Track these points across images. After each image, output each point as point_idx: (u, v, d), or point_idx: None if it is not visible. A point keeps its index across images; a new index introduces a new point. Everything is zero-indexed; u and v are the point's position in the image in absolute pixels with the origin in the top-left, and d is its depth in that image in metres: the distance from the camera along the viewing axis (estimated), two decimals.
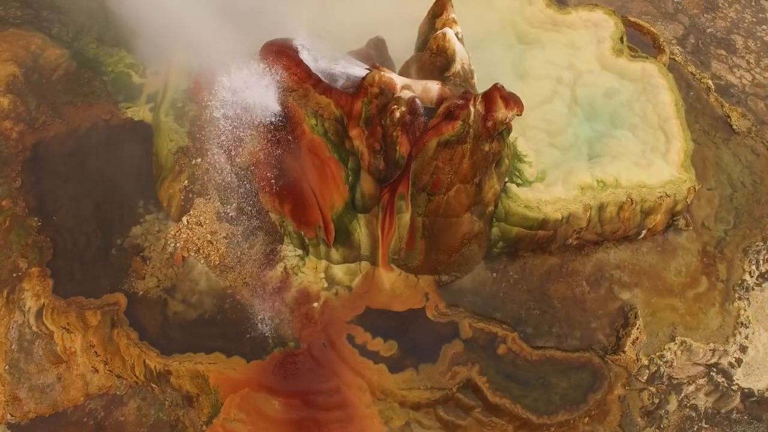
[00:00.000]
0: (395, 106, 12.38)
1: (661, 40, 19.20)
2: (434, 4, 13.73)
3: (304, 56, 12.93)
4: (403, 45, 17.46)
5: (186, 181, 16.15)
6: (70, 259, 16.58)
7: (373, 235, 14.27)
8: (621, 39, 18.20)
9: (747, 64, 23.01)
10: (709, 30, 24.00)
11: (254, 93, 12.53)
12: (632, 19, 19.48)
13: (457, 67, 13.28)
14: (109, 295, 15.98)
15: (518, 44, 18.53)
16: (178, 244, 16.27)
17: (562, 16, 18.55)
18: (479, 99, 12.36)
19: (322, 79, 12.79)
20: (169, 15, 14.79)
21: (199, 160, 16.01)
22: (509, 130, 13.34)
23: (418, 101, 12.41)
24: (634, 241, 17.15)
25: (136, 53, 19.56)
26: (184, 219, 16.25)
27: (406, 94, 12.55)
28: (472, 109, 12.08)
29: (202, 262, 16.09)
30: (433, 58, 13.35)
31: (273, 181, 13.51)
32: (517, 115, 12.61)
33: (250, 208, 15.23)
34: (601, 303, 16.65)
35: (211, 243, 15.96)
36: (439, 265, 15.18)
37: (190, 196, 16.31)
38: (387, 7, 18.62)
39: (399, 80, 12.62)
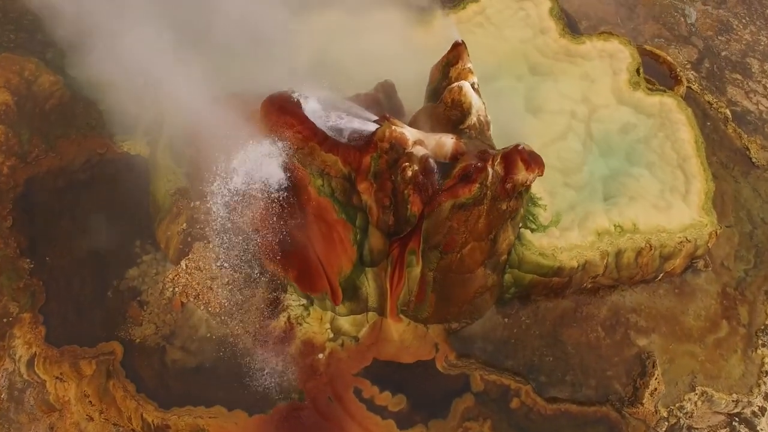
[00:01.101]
0: (407, 164, 11.68)
1: (678, 70, 18.48)
2: (449, 52, 13.01)
3: (308, 110, 12.20)
4: (412, 76, 16.81)
5: (184, 224, 15.46)
6: (64, 303, 15.87)
7: (382, 287, 13.60)
8: (637, 70, 17.49)
9: (764, 89, 22.31)
10: (723, 53, 23.28)
11: (256, 163, 11.84)
12: (648, 47, 18.75)
13: (472, 119, 12.58)
14: (104, 343, 15.29)
15: (530, 75, 17.82)
16: (176, 289, 15.59)
17: (576, 46, 17.83)
18: (498, 159, 11.66)
19: (329, 135, 12.07)
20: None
21: (198, 203, 15.29)
22: (528, 189, 12.65)
23: (431, 161, 11.72)
24: (650, 282, 16.49)
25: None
26: (183, 263, 15.55)
27: (419, 151, 11.85)
28: (490, 170, 11.40)
29: (201, 308, 15.41)
30: (447, 111, 12.64)
31: (277, 248, 12.81)
32: (539, 175, 11.92)
33: (251, 256, 14.51)
34: (617, 349, 16.01)
35: (211, 289, 15.28)
36: (449, 315, 14.52)
37: (189, 239, 15.61)
38: (393, 38, 17.96)
39: (411, 134, 11.91)
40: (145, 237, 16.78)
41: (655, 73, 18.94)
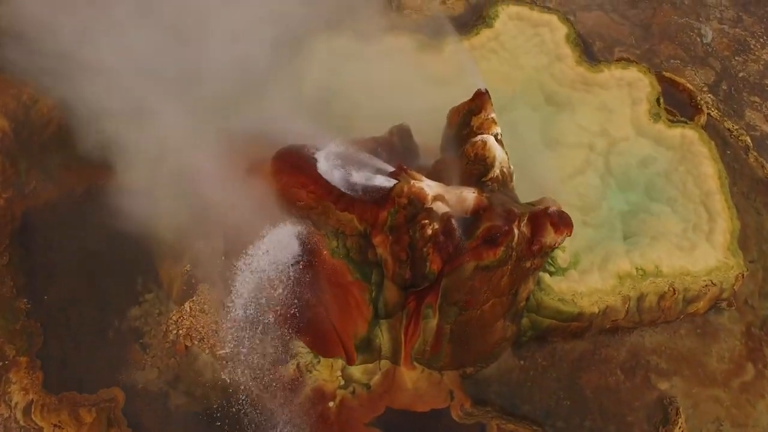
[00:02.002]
0: (426, 221, 11.07)
1: (699, 98, 17.85)
2: (472, 99, 12.37)
3: (321, 164, 11.57)
4: (423, 105, 16.21)
5: (188, 265, 14.86)
6: (63, 346, 15.29)
7: (396, 338, 13.02)
8: (658, 100, 16.88)
9: None
10: (741, 74, 22.62)
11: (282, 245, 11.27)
12: (667, 74, 18.13)
13: (495, 172, 11.97)
14: (105, 389, 14.70)
15: (546, 105, 17.20)
16: (180, 332, 14.99)
17: (594, 74, 17.20)
18: (524, 220, 11.06)
19: (343, 191, 11.45)
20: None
21: (202, 243, 14.66)
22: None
23: (453, 221, 11.11)
24: (671, 322, 15.90)
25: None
26: (187, 305, 14.96)
27: (439, 208, 11.23)
28: (516, 232, 10.80)
29: (207, 351, 14.81)
30: (469, 165, 12.02)
31: (290, 316, 12.19)
32: (567, 236, 11.32)
33: (259, 301, 13.90)
34: (637, 393, 15.42)
35: (217, 333, 14.68)
36: (466, 363, 13.92)
37: (193, 281, 15.01)
38: (403, 65, 17.35)
39: (430, 189, 11.29)
40: (147, 274, 16.19)
41: (675, 101, 18.32)
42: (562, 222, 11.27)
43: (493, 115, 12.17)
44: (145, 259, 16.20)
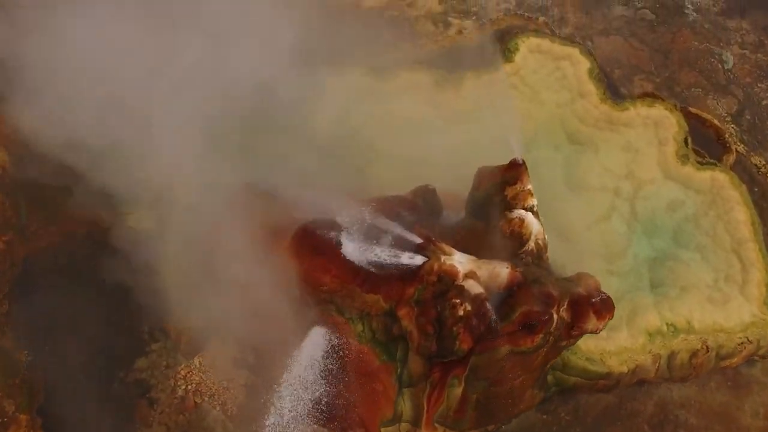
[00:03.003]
0: (458, 301, 10.40)
1: (727, 135, 17.17)
2: (507, 169, 11.65)
3: (344, 243, 10.85)
4: (442, 144, 15.59)
5: (198, 318, 14.15)
6: (65, 401, 14.55)
7: (419, 405, 12.33)
8: (685, 140, 16.21)
9: None
10: (764, 102, 21.92)
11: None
12: (693, 110, 17.44)
13: (530, 245, 11.30)
14: None
15: (568, 144, 16.54)
16: (189, 387, 14.33)
17: (619, 113, 16.52)
18: (564, 305, 10.39)
19: (368, 270, 10.75)
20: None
21: (214, 298, 13.97)
22: None
23: (488, 305, 10.42)
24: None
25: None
26: (196, 360, 14.33)
27: (472, 287, 10.55)
28: (555, 317, 10.14)
29: (217, 408, 14.13)
30: (503, 240, 11.34)
31: (315, 409, 11.48)
32: (609, 320, 10.66)
33: (272, 359, 13.23)
34: None
35: (228, 390, 14.04)
36: (489, 425, 13.25)
37: (203, 334, 14.32)
38: (421, 102, 16.67)
39: (461, 266, 10.61)
40: (154, 323, 15.49)
41: (701, 138, 17.65)
42: (605, 308, 10.63)
43: (529, 186, 11.50)
44: (152, 307, 15.51)
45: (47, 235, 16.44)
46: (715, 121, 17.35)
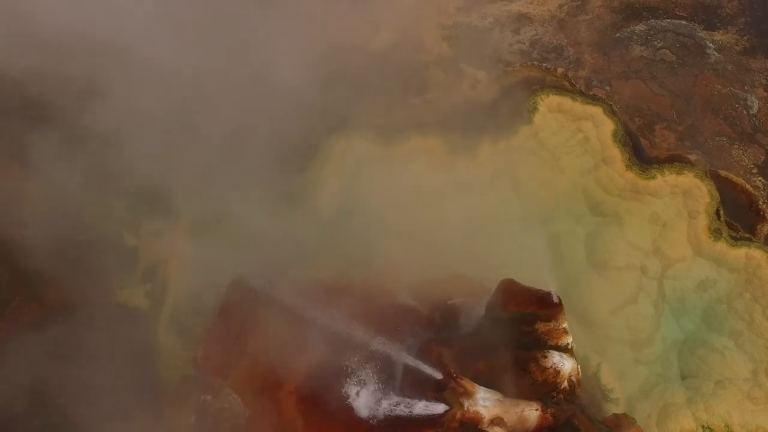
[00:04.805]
0: None
1: (761, 202, 16.02)
2: (541, 305, 10.47)
3: (357, 398, 9.66)
4: (456, 216, 14.44)
5: (193, 417, 13.05)
6: None
7: None
8: (717, 212, 15.06)
9: None
10: None
11: None
12: (724, 174, 16.33)
13: (563, 385, 10.17)
14: None
15: (591, 215, 15.38)
16: None
17: (645, 181, 15.35)
18: None
19: (384, 426, 9.57)
20: None
21: (209, 397, 12.85)
22: None
23: None
24: None
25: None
26: None
27: None
28: None
29: None
30: (534, 385, 10.21)
31: None
32: None
33: None
34: None
35: None
36: None
37: None
38: (433, 170, 15.49)
39: (486, 410, 9.51)
40: (147, 408, 14.33)
41: (732, 203, 16.46)
42: None
43: (565, 325, 10.36)
44: (143, 394, 14.37)
45: (30, 311, 15.45)
46: (748, 186, 16.24)
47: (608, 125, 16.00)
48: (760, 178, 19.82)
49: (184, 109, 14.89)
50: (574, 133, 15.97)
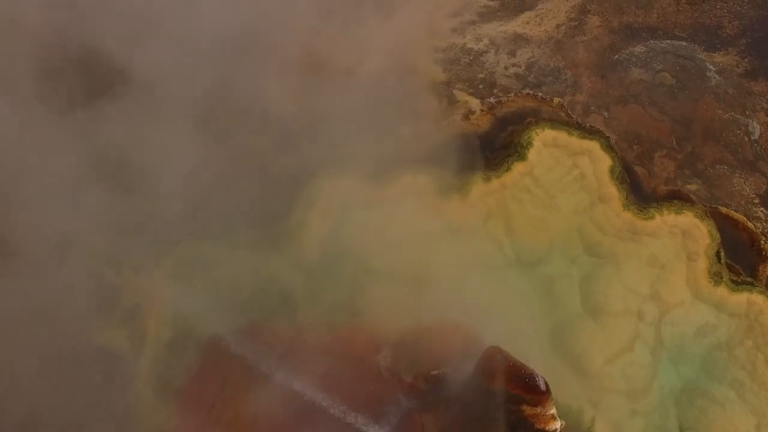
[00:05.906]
0: None
1: (762, 241, 15.53)
2: (527, 390, 9.99)
3: None
4: (446, 260, 13.96)
5: None
6: None
7: None
8: (718, 255, 14.56)
9: None
10: None
11: None
12: (724, 210, 15.85)
13: None
14: None
15: (586, 256, 14.89)
16: None
17: (643, 221, 14.85)
18: None
19: None
20: None
21: None
22: None
23: None
24: None
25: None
26: None
27: None
28: None
29: None
30: None
31: None
32: None
33: None
34: None
35: None
36: None
37: None
38: (422, 210, 14.96)
39: None
40: None
41: (732, 242, 15.96)
42: None
43: (553, 411, 9.90)
44: None
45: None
46: (750, 224, 15.72)
47: (605, 161, 15.49)
48: (761, 208, 19.28)
49: None
50: (569, 170, 15.45)
